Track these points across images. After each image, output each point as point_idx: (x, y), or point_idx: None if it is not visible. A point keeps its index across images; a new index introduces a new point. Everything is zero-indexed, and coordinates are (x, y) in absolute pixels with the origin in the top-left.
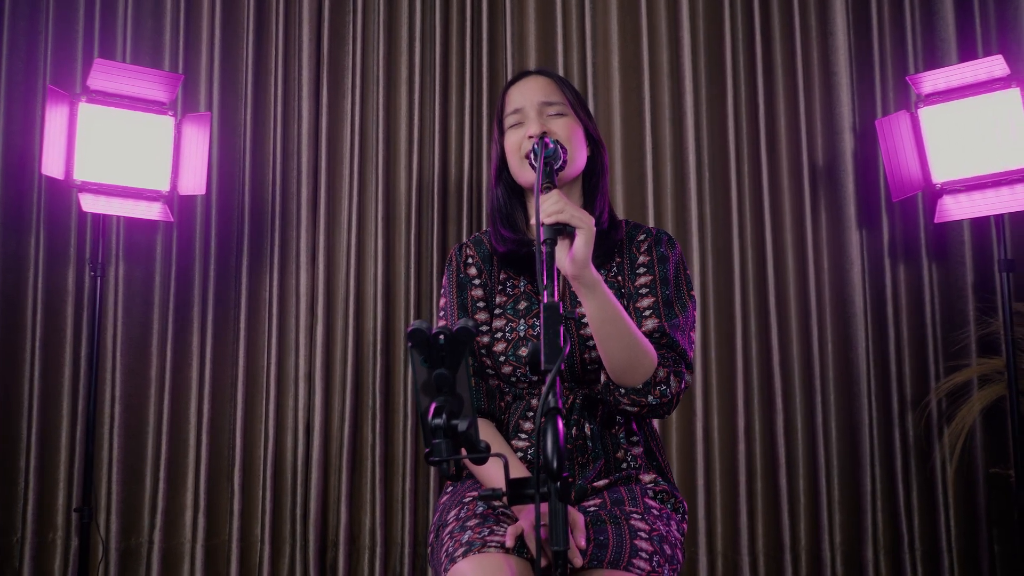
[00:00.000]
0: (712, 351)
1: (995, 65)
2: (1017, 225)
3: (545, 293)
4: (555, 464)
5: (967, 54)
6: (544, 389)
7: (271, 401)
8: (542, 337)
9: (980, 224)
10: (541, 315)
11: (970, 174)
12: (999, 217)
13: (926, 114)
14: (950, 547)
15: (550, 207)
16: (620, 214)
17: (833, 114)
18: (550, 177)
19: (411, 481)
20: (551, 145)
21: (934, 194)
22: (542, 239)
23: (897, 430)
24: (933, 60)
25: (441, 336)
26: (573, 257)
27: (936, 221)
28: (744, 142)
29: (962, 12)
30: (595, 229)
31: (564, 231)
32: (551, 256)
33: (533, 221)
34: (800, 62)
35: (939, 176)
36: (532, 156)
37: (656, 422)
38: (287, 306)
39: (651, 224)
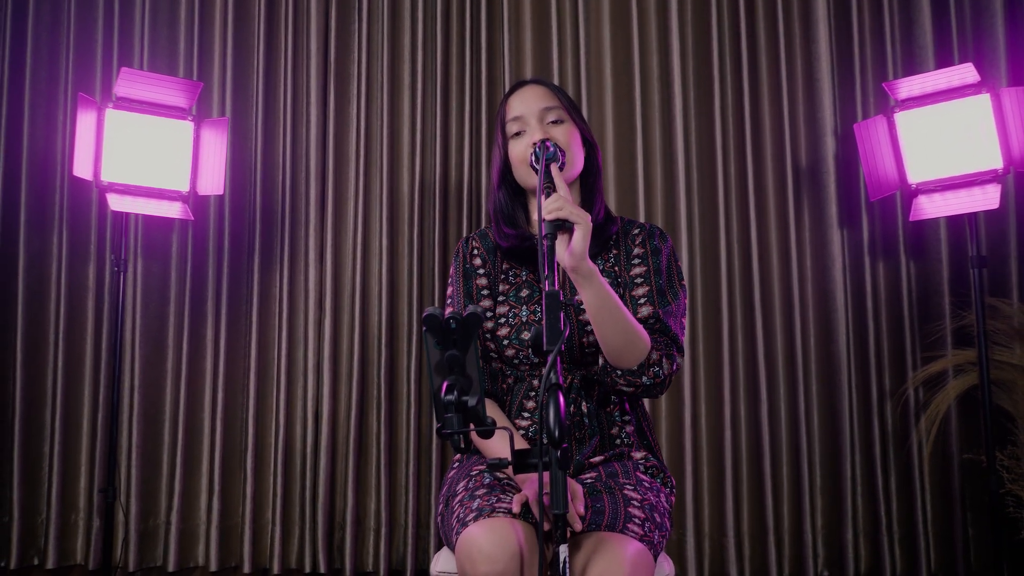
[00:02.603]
0: (700, 343)
1: (966, 72)
2: (991, 223)
3: (547, 282)
4: (557, 434)
5: (944, 60)
6: (546, 368)
7: (281, 391)
8: (544, 321)
9: (956, 222)
10: (543, 303)
11: (944, 175)
12: (973, 215)
13: (902, 118)
14: (926, 530)
15: (551, 205)
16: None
17: (816, 118)
18: (550, 178)
19: (414, 467)
20: (551, 148)
21: (910, 194)
22: (543, 234)
23: (876, 419)
24: (911, 66)
25: (453, 321)
26: (572, 250)
27: (911, 219)
28: (731, 145)
29: (939, 20)
30: (591, 225)
31: (563, 227)
32: (551, 249)
33: (535, 218)
34: (784, 68)
35: (914, 177)
36: (533, 159)
37: (647, 404)
38: (296, 301)
39: None
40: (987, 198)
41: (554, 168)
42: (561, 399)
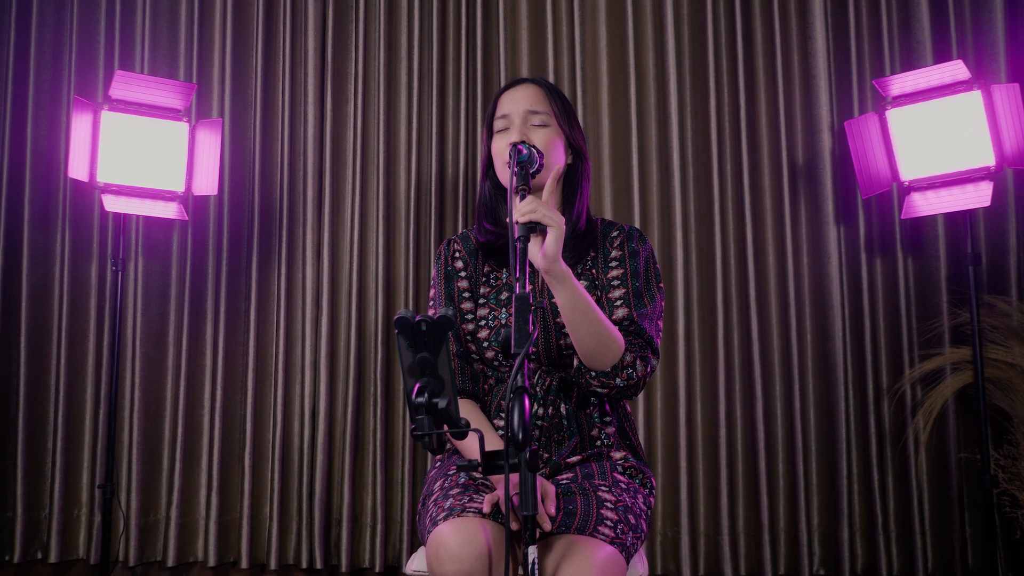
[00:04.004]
0: (695, 341)
1: (957, 69)
2: (991, 220)
3: (517, 285)
4: (520, 437)
5: (942, 56)
6: (513, 370)
7: (279, 388)
8: (513, 324)
9: (954, 219)
10: (513, 304)
11: (936, 172)
12: (969, 213)
13: (894, 115)
14: (923, 528)
15: (524, 207)
16: (608, 212)
17: (812, 115)
18: (525, 180)
19: (410, 464)
20: (524, 151)
21: (902, 191)
22: (516, 237)
23: (872, 417)
24: (909, 62)
25: (424, 323)
26: (544, 252)
27: (903, 217)
28: (726, 142)
29: (937, 16)
30: (565, 228)
31: (536, 229)
32: (524, 251)
33: (508, 219)
34: (780, 65)
35: (907, 174)
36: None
37: (629, 405)
38: (294, 299)
39: (636, 221)
40: (979, 195)
41: (549, 174)
42: (527, 402)
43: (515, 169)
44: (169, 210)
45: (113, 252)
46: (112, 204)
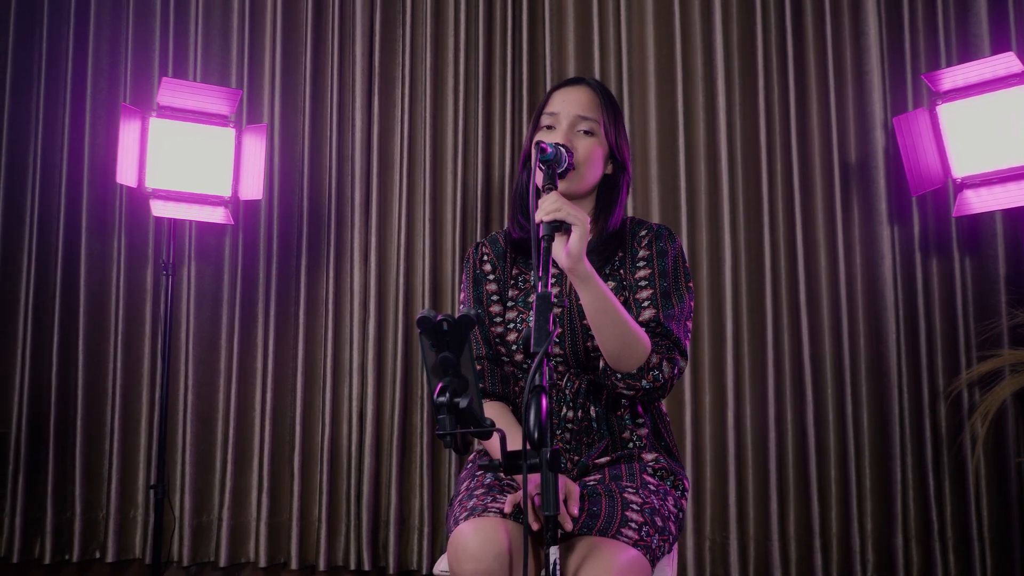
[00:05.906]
0: (744, 343)
1: (1010, 62)
2: None
3: (540, 284)
4: (536, 436)
5: (1000, 50)
6: (531, 370)
7: (327, 391)
8: (533, 322)
9: (1013, 215)
10: (534, 304)
11: (990, 168)
12: None
13: (945, 110)
14: (981, 535)
15: (548, 206)
16: (655, 213)
17: (865, 112)
18: (552, 179)
19: (456, 467)
20: (549, 149)
21: (955, 188)
22: (540, 236)
23: (928, 420)
24: (966, 56)
25: (445, 323)
26: (568, 251)
27: (956, 214)
28: (776, 141)
29: (995, 8)
30: (589, 227)
31: (561, 228)
32: (547, 250)
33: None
34: (832, 62)
35: (959, 171)
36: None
37: (667, 406)
38: (342, 302)
39: (684, 221)
40: None
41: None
42: (544, 401)
43: (540, 166)
44: (216, 215)
45: (165, 257)
46: (160, 209)
